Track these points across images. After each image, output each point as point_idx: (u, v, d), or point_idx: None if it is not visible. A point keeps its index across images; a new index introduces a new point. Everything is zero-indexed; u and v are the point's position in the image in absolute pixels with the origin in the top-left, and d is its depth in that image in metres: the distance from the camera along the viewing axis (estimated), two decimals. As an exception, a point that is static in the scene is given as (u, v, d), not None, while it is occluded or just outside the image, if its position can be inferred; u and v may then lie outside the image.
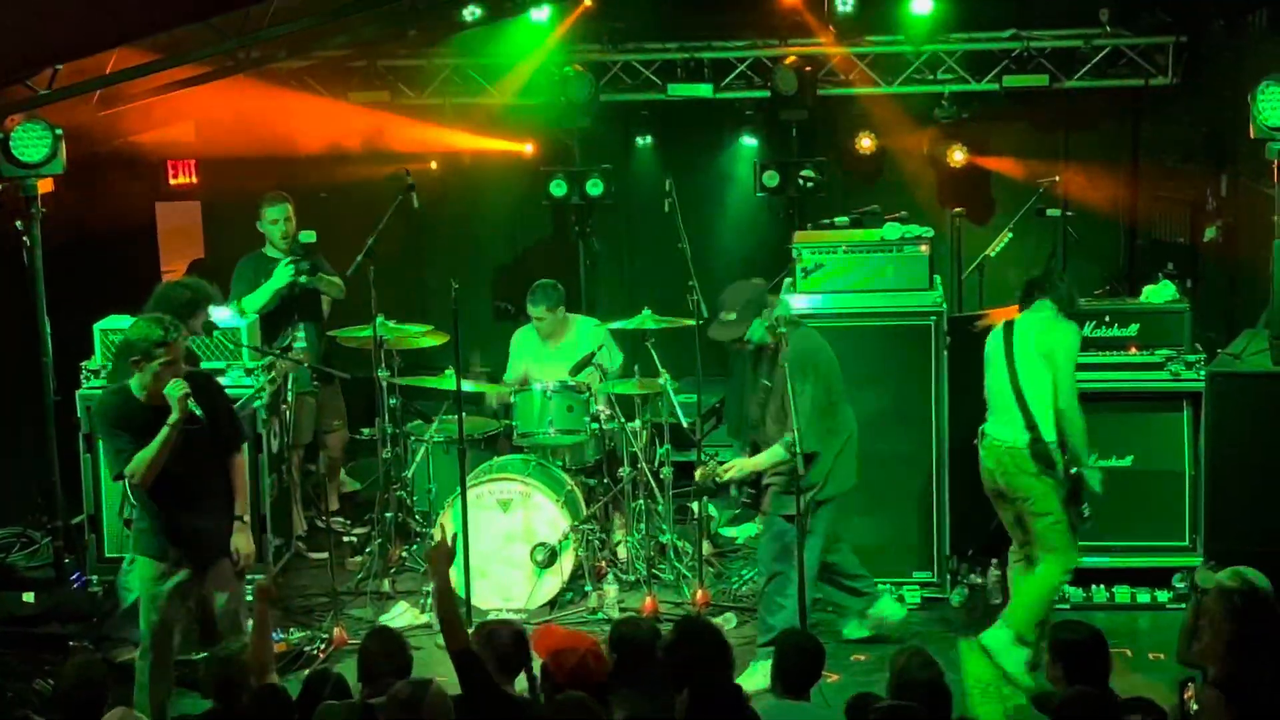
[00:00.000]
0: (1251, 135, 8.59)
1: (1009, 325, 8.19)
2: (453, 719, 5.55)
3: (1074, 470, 7.95)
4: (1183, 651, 6.27)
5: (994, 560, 9.33)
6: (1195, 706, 5.82)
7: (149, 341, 7.08)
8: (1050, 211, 11.44)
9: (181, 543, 7.31)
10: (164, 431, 7.03)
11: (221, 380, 9.30)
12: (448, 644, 6.11)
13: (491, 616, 8.75)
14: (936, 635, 8.72)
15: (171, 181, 12.85)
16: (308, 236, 10.23)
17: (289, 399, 9.85)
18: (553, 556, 9.22)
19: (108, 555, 9.36)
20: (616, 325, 10.18)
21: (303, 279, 10.11)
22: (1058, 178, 11.58)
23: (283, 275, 10.06)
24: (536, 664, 6.14)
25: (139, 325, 7.27)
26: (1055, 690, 6.06)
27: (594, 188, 11.84)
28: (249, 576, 7.66)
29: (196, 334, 8.64)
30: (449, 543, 6.62)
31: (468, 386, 9.59)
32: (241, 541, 7.44)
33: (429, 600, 9.22)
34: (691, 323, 9.33)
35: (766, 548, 8.36)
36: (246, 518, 7.53)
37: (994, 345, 8.23)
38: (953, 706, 5.87)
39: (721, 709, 5.72)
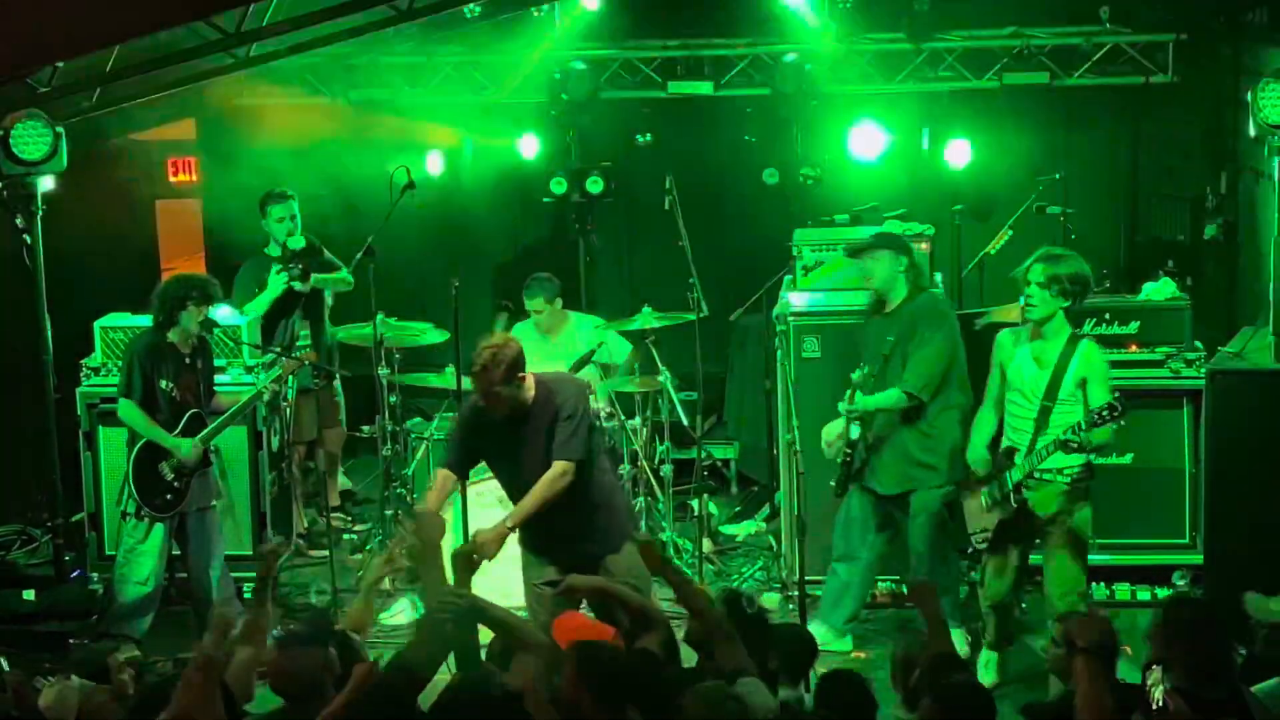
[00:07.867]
0: (1251, 132, 8.60)
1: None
2: None
3: None
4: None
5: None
6: (1158, 697, 5.75)
7: None
8: (1050, 209, 11.43)
9: None
10: None
11: (221, 378, 9.36)
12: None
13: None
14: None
15: (172, 179, 12.84)
16: (297, 242, 10.23)
17: (289, 396, 9.85)
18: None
19: (108, 553, 9.37)
20: (614, 328, 10.17)
21: (297, 284, 10.12)
22: (1058, 175, 11.58)
23: (277, 284, 10.07)
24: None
25: None
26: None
27: (594, 185, 11.83)
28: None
29: (188, 329, 8.64)
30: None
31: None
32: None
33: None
34: (692, 318, 9.33)
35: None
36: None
37: None
38: None
39: None
